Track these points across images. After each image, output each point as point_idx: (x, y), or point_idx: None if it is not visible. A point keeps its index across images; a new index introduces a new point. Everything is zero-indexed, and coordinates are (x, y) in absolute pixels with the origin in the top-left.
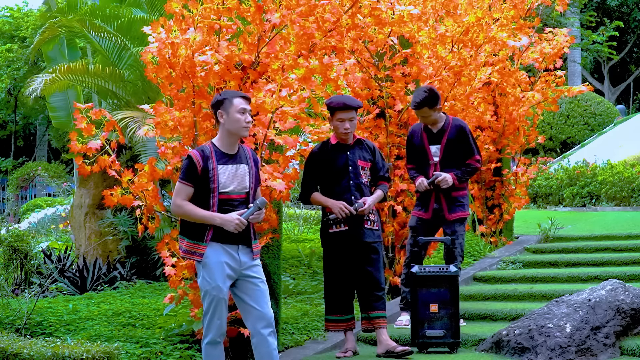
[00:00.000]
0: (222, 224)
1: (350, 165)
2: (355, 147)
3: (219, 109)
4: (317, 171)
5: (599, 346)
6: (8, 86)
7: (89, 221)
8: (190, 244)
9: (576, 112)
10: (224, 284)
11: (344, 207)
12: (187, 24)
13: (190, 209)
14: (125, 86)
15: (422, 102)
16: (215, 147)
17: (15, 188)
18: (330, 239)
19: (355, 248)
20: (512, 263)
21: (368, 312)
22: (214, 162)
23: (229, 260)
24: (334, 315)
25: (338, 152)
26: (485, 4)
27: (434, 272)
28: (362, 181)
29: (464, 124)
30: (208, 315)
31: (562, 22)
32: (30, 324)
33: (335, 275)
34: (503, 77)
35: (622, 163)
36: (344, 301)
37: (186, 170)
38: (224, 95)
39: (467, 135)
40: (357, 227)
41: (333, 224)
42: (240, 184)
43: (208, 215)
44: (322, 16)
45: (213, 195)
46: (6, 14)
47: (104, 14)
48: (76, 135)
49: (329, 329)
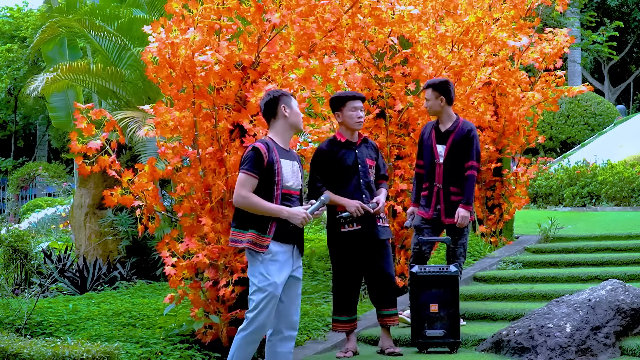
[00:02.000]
0: (289, 217)
1: (360, 164)
2: (361, 145)
3: (281, 104)
4: (325, 169)
5: (599, 346)
6: (8, 86)
7: (89, 221)
8: (256, 236)
9: (576, 112)
10: (281, 283)
11: (361, 207)
12: (187, 24)
13: (257, 201)
14: (126, 86)
15: (431, 83)
16: (274, 142)
17: (16, 188)
18: (342, 238)
19: (369, 246)
20: (512, 263)
21: (381, 309)
22: (277, 155)
23: (288, 259)
24: (342, 315)
25: (346, 150)
26: (485, 4)
27: (434, 272)
28: (371, 180)
29: (473, 127)
30: (256, 311)
31: (562, 22)
32: (30, 324)
33: (345, 276)
34: (503, 77)
35: (622, 163)
36: (352, 301)
37: (253, 161)
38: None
39: (472, 139)
40: (371, 226)
41: (345, 223)
42: (297, 180)
43: (276, 208)
44: (322, 16)
45: (276, 189)
46: (6, 14)
47: (104, 13)
48: (76, 135)
49: (336, 329)
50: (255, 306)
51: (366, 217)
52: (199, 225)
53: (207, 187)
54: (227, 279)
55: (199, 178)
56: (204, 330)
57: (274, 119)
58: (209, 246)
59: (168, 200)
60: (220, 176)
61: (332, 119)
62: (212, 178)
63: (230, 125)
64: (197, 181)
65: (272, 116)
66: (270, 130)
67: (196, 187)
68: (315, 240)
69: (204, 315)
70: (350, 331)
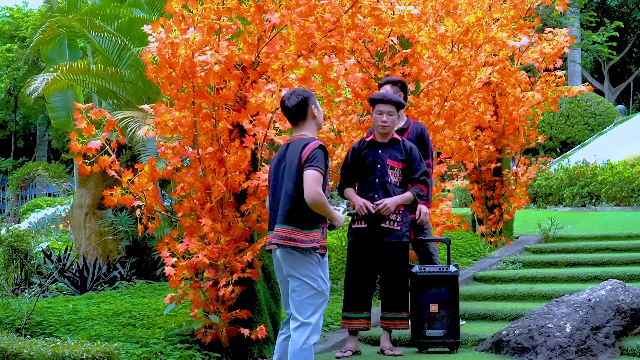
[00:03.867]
0: (335, 219)
1: (379, 164)
2: (388, 146)
3: (311, 104)
4: (350, 166)
5: (599, 346)
6: (8, 86)
7: (89, 221)
8: (319, 236)
9: (576, 112)
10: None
11: (364, 205)
12: (187, 24)
13: (325, 201)
14: (126, 86)
15: (389, 80)
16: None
17: (15, 188)
18: (352, 233)
19: (374, 246)
20: (512, 263)
21: (383, 310)
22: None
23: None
24: (350, 312)
25: (370, 149)
26: (485, 4)
27: (434, 272)
28: (389, 180)
29: (424, 127)
30: (317, 315)
31: (562, 22)
32: (30, 324)
33: (354, 271)
34: (503, 77)
35: (622, 163)
36: (359, 299)
37: (324, 159)
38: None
39: (425, 138)
40: (374, 226)
41: (355, 219)
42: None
43: (333, 211)
44: (322, 16)
45: (326, 189)
46: (6, 14)
47: (104, 14)
48: (76, 135)
49: (345, 326)
50: (315, 310)
51: (372, 217)
52: (198, 225)
53: (207, 187)
54: (227, 279)
55: (199, 178)
56: (203, 330)
57: (303, 120)
58: (208, 246)
59: (168, 200)
60: (220, 176)
61: (332, 119)
62: (212, 178)
63: (230, 125)
64: (197, 181)
65: (302, 118)
66: (300, 130)
67: (196, 187)
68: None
69: (203, 315)
70: (354, 330)
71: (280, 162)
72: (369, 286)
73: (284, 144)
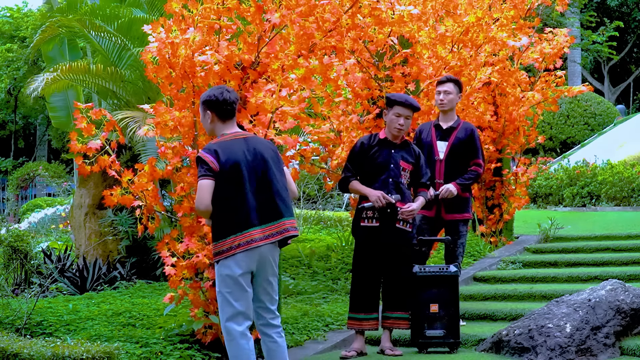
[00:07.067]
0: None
1: (392, 164)
2: (401, 147)
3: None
4: (360, 161)
5: (599, 346)
6: (8, 86)
7: (89, 221)
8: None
9: (576, 112)
10: None
11: (382, 197)
12: (187, 24)
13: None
14: (126, 86)
15: (453, 78)
16: None
17: (15, 188)
18: (361, 232)
19: (384, 246)
20: (512, 263)
21: (385, 310)
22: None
23: None
24: (356, 313)
25: (383, 147)
26: (485, 4)
27: (434, 272)
28: (401, 181)
29: (474, 127)
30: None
31: (562, 22)
32: (30, 324)
33: (361, 271)
34: (503, 77)
35: (622, 163)
36: (367, 299)
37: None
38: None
39: (476, 139)
40: (388, 226)
41: (365, 217)
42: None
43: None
44: (322, 16)
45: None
46: (6, 14)
47: (104, 13)
48: (76, 135)
49: (350, 327)
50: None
51: (386, 216)
52: (198, 225)
53: None
54: None
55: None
56: (203, 330)
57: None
58: (209, 246)
59: (168, 200)
60: None
61: (332, 119)
62: None
63: None
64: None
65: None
66: (234, 126)
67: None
68: (315, 240)
69: (203, 315)
70: (362, 330)
71: (249, 157)
72: (377, 286)
73: (232, 139)
